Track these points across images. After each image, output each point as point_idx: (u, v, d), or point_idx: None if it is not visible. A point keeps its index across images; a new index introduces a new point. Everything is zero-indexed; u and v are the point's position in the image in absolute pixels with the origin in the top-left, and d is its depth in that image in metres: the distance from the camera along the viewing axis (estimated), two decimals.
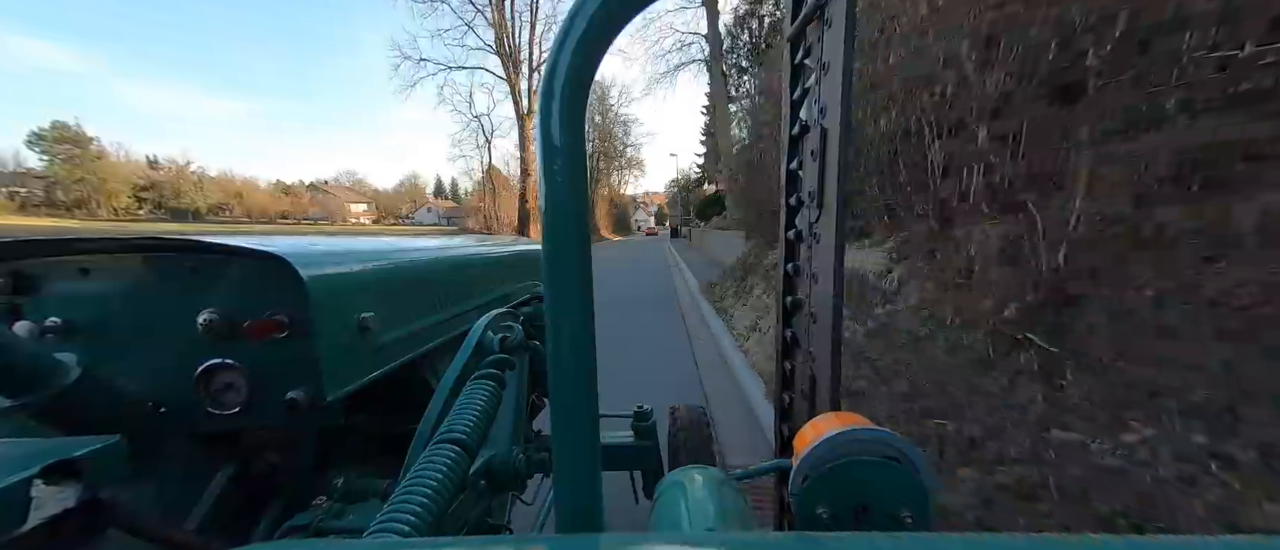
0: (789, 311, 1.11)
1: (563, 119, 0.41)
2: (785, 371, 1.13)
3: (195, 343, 0.69)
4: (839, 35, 0.81)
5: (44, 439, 0.57)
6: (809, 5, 0.92)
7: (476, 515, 0.87)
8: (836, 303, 0.87)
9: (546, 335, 0.45)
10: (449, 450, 0.57)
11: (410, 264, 0.99)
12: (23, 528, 0.47)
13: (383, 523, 0.44)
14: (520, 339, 1.00)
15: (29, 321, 0.68)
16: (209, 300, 0.69)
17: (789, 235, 1.07)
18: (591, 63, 0.41)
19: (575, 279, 0.44)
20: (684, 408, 1.77)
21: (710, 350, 4.90)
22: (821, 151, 0.88)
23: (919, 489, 0.52)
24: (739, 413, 3.25)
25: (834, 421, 0.58)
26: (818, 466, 0.53)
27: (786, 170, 1.05)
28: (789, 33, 1.04)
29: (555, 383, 0.46)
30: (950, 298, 2.64)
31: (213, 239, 0.71)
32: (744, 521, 0.54)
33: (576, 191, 0.42)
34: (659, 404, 1.65)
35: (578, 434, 0.47)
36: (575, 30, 0.40)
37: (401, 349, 0.90)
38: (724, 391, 3.68)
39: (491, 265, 1.40)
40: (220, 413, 0.71)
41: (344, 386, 0.74)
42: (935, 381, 2.31)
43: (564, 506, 0.48)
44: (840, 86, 0.81)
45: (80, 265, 0.70)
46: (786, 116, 1.06)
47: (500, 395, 0.78)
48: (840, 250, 0.86)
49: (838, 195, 0.85)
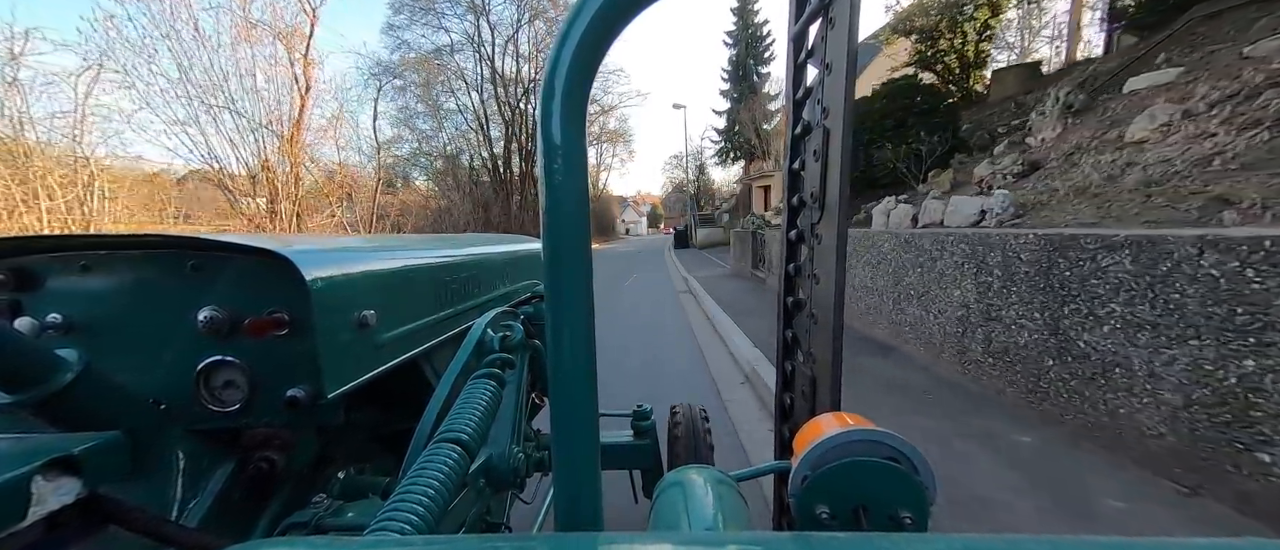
0: (790, 312, 1.11)
1: (563, 118, 0.41)
2: (786, 373, 1.13)
3: (196, 340, 0.69)
4: (842, 35, 0.81)
5: (44, 435, 0.57)
6: (813, 4, 0.92)
7: (476, 514, 0.87)
8: (838, 303, 0.87)
9: (546, 335, 0.45)
10: (449, 449, 0.57)
11: (410, 262, 0.99)
12: (23, 522, 0.47)
13: (383, 521, 0.44)
14: (520, 338, 1.00)
15: (30, 318, 0.68)
16: (210, 297, 0.69)
17: (790, 236, 1.07)
18: (593, 61, 0.41)
19: (575, 279, 0.44)
20: (683, 407, 1.77)
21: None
22: (824, 152, 0.88)
23: (918, 489, 0.51)
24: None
25: (834, 422, 0.58)
26: (817, 467, 0.53)
27: (789, 170, 1.05)
28: (792, 32, 1.03)
29: (555, 382, 0.46)
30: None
31: (214, 236, 0.71)
32: (743, 521, 0.54)
33: (577, 191, 0.42)
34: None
35: (577, 433, 0.47)
36: (577, 29, 0.40)
37: (402, 347, 0.90)
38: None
39: (492, 264, 1.40)
40: (220, 410, 0.71)
41: (344, 384, 0.74)
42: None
43: (563, 505, 0.48)
44: (843, 87, 0.81)
45: (81, 262, 0.70)
46: (789, 116, 1.05)
47: (500, 394, 0.78)
48: (842, 251, 0.86)
49: (840, 196, 0.85)
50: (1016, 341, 2.77)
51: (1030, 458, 2.24)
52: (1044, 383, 2.60)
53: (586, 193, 0.44)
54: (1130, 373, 2.14)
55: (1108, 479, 2.04)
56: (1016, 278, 2.75)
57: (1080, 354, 2.38)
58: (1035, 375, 2.65)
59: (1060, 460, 2.21)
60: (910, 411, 2.81)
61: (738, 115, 26.60)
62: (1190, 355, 1.91)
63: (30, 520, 0.47)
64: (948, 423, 2.63)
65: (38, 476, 0.48)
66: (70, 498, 0.51)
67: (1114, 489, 1.97)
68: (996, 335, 2.92)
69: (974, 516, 1.85)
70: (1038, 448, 2.33)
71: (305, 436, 0.86)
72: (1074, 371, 2.42)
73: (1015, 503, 1.92)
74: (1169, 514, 1.81)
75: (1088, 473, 2.09)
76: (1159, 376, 2.02)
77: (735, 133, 28.02)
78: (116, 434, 0.58)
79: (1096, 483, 2.02)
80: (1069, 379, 2.45)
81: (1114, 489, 1.97)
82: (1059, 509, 1.88)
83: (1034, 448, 2.33)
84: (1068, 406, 2.46)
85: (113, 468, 0.56)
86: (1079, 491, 1.97)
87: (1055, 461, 2.20)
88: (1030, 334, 2.67)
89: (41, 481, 0.48)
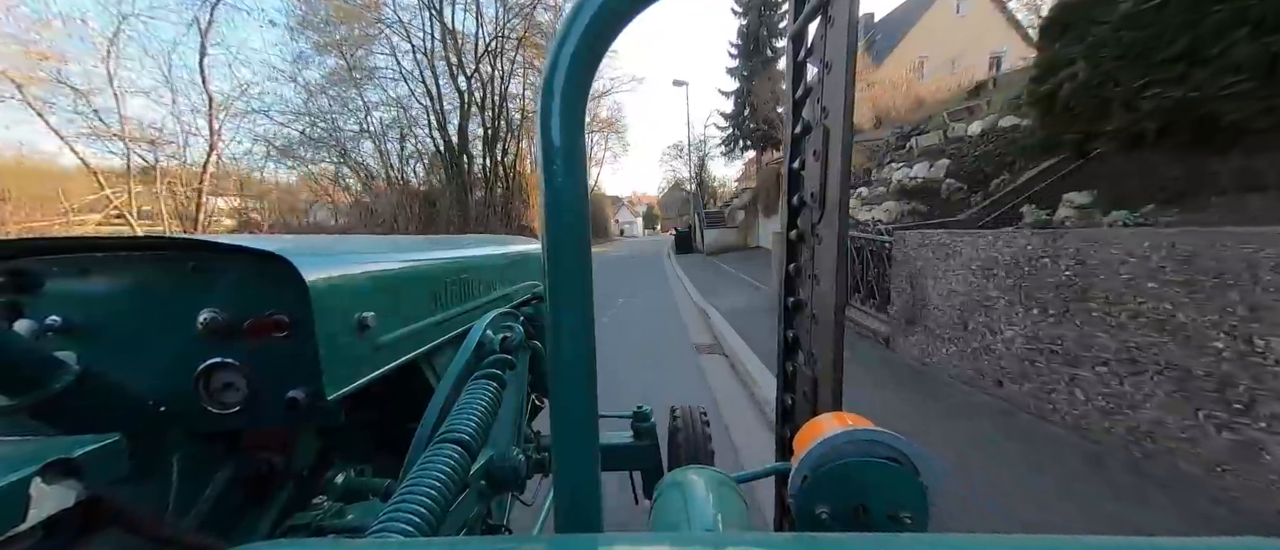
0: (790, 312, 1.11)
1: (562, 119, 0.41)
2: (786, 373, 1.13)
3: (195, 342, 0.69)
4: (842, 34, 0.81)
5: (44, 438, 0.57)
6: (812, 2, 0.92)
7: (477, 515, 0.87)
8: (838, 303, 0.87)
9: (546, 335, 0.45)
10: (450, 450, 0.57)
11: (411, 263, 0.99)
12: (22, 526, 0.47)
13: (384, 523, 0.44)
14: (520, 339, 1.00)
15: (29, 320, 0.68)
16: (209, 299, 0.69)
17: (790, 236, 1.07)
18: (592, 62, 0.41)
19: (575, 279, 0.44)
20: (683, 408, 1.77)
21: None
22: (824, 152, 0.88)
23: (918, 489, 0.51)
24: None
25: (834, 422, 0.58)
26: (817, 467, 0.53)
27: (789, 170, 1.05)
28: (791, 30, 1.03)
29: (555, 383, 0.46)
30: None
31: (214, 238, 0.71)
32: (743, 522, 0.54)
33: (576, 191, 0.42)
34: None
35: (577, 434, 0.47)
36: (576, 28, 0.40)
37: (402, 348, 0.90)
38: None
39: (492, 265, 1.40)
40: (220, 412, 0.71)
41: (344, 386, 0.74)
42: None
43: (563, 506, 0.48)
44: (843, 86, 0.81)
45: (80, 264, 0.70)
46: (788, 116, 1.05)
47: (501, 395, 0.78)
48: (842, 251, 0.86)
49: (840, 196, 0.85)
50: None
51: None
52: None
53: (586, 193, 0.44)
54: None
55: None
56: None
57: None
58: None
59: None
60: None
61: (750, 94, 22.29)
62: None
63: (30, 523, 0.47)
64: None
65: (37, 480, 0.48)
66: (70, 501, 0.51)
67: None
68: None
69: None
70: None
71: (305, 438, 0.86)
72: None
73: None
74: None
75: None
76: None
77: (744, 118, 23.33)
78: (116, 436, 0.58)
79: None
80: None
81: None
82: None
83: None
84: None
85: (112, 471, 0.56)
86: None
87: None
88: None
89: (41, 485, 0.48)
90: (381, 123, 21.77)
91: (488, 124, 23.04)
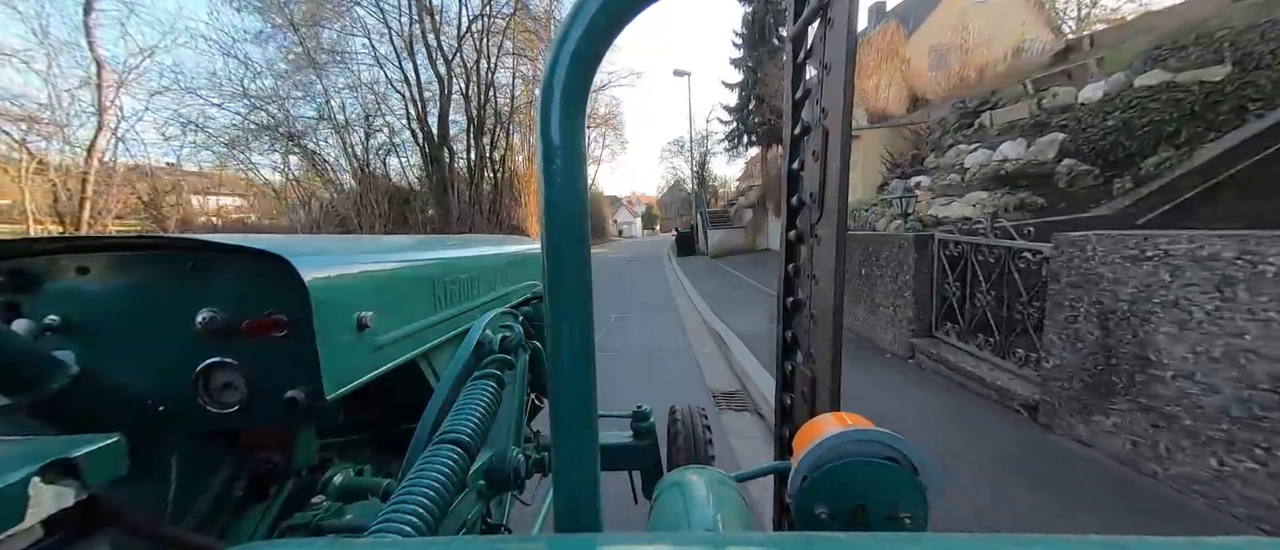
0: (789, 312, 1.11)
1: (562, 119, 0.41)
2: (785, 373, 1.13)
3: (194, 341, 0.69)
4: (841, 36, 0.81)
5: (42, 437, 0.57)
6: (811, 5, 0.92)
7: (476, 515, 0.87)
8: (837, 304, 0.87)
9: (546, 335, 0.45)
10: (450, 450, 0.57)
11: (410, 263, 0.99)
12: (21, 526, 0.47)
13: (383, 522, 0.44)
14: (520, 339, 1.00)
15: (28, 320, 0.68)
16: (208, 299, 0.69)
17: (790, 236, 1.07)
18: (592, 61, 0.41)
19: (575, 279, 0.44)
20: (683, 408, 1.77)
21: None
22: (823, 152, 0.88)
23: (918, 489, 0.51)
24: None
25: (833, 422, 0.58)
26: (817, 467, 0.53)
27: (788, 170, 1.05)
28: (791, 32, 1.04)
29: (555, 383, 0.46)
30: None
31: (213, 238, 0.71)
32: (743, 522, 0.54)
33: (576, 191, 0.42)
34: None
35: (577, 434, 0.47)
36: (576, 29, 0.40)
37: (401, 348, 0.90)
38: None
39: (491, 264, 1.40)
40: (219, 411, 0.71)
41: (343, 385, 0.74)
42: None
43: (563, 506, 0.48)
44: (842, 87, 0.81)
45: (79, 264, 0.70)
46: (788, 116, 1.06)
47: (500, 395, 0.78)
48: (841, 251, 0.86)
49: (839, 196, 0.85)
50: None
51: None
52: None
53: (586, 193, 0.44)
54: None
55: None
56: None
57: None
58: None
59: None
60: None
61: (757, 85, 20.25)
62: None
63: (28, 523, 0.47)
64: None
65: (36, 479, 0.47)
66: (69, 501, 0.51)
67: None
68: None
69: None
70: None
71: (304, 438, 0.86)
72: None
73: None
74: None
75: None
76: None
77: (749, 112, 21.44)
78: (115, 436, 0.58)
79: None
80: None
81: None
82: None
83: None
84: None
85: (112, 470, 0.56)
86: None
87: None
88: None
89: (40, 484, 0.48)
90: (344, 110, 18.96)
91: (473, 113, 20.72)
